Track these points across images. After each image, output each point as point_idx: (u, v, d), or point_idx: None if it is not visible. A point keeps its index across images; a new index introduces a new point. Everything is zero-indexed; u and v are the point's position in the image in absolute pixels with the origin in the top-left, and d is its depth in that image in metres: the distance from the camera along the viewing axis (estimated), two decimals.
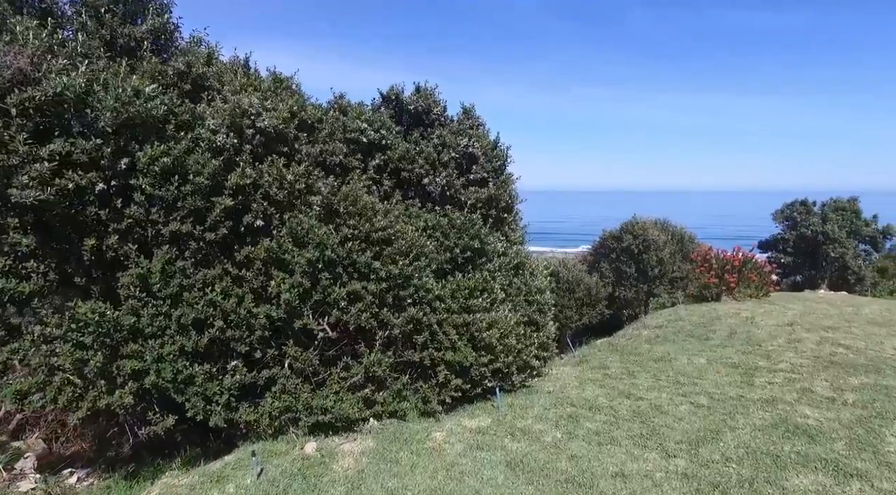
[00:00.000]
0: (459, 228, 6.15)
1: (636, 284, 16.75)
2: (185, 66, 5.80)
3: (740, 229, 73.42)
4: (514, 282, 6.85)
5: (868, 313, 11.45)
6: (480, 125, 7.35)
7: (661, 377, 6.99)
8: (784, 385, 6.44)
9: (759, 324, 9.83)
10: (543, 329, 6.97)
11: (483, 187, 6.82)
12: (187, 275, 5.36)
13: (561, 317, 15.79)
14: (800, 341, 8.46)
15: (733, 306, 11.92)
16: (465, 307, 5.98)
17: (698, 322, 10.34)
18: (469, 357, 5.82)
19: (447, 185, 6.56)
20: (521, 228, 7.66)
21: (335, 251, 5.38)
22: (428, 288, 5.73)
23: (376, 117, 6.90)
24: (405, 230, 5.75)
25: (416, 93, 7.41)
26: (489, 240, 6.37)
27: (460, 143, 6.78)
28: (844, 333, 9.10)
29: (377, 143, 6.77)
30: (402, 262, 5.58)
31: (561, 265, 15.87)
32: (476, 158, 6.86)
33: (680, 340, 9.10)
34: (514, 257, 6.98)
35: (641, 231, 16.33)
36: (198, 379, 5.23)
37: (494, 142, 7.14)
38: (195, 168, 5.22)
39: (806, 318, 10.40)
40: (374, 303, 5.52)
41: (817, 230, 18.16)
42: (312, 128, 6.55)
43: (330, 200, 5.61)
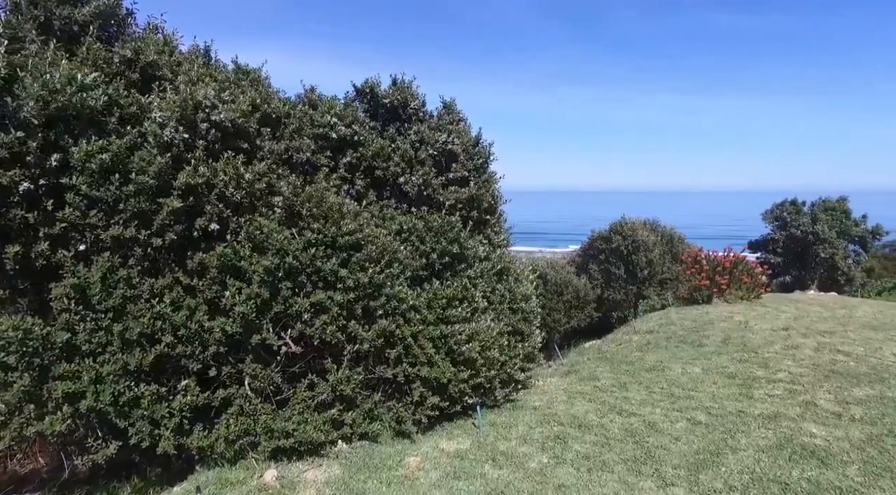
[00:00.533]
0: (437, 231, 5.61)
1: (625, 286, 16.33)
2: (133, 53, 5.20)
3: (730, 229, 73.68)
4: (498, 289, 6.32)
5: (861, 316, 11.08)
6: (461, 120, 6.82)
7: (654, 389, 6.51)
8: (785, 397, 5.98)
9: (754, 328, 9.40)
10: (529, 339, 6.45)
11: (463, 187, 6.29)
12: (132, 284, 4.77)
13: (549, 320, 15.37)
14: (797, 348, 8.03)
15: (725, 309, 11.51)
16: (442, 318, 5.45)
17: (690, 326, 9.90)
18: (447, 372, 5.29)
19: (424, 185, 6.02)
20: (505, 231, 7.14)
21: (297, 258, 4.82)
22: (401, 297, 5.19)
23: (348, 112, 6.35)
24: (376, 234, 5.20)
25: (392, 86, 6.85)
26: (470, 245, 5.84)
27: (438, 140, 6.24)
28: (841, 338, 8.70)
29: (349, 140, 6.22)
30: (372, 270, 5.03)
31: (549, 267, 15.41)
32: (456, 156, 6.33)
33: (672, 347, 8.64)
34: (498, 262, 6.46)
35: (630, 231, 15.92)
36: (144, 401, 4.65)
37: (476, 138, 6.60)
38: (139, 166, 4.63)
39: (800, 322, 10.00)
40: (340, 315, 4.97)
41: (807, 230, 17.87)
42: (278, 123, 5.98)
43: (292, 201, 5.05)
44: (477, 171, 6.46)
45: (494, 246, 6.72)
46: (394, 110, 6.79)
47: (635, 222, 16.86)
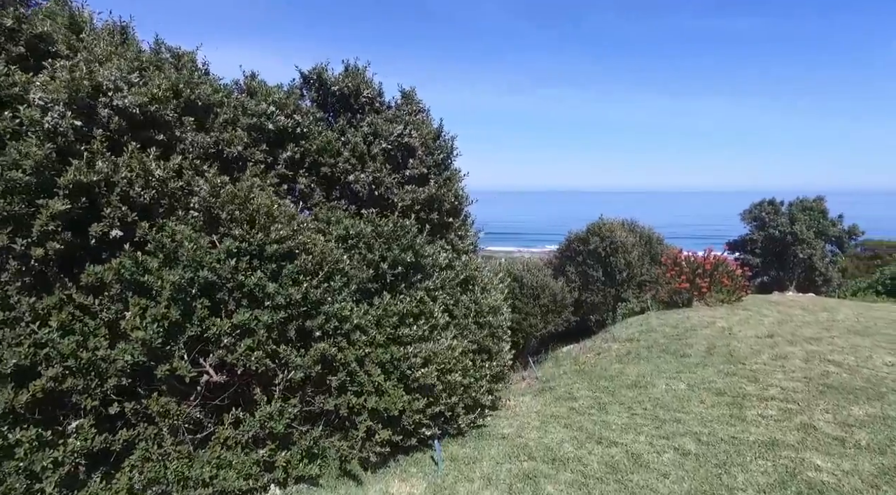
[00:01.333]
0: (388, 237, 4.81)
1: (603, 288, 15.72)
2: (15, 22, 4.27)
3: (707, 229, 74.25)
4: (462, 301, 5.55)
5: (843, 319, 10.62)
6: (421, 111, 6.02)
7: (636, 410, 5.80)
8: (781, 419, 5.32)
9: (738, 336, 8.80)
10: (498, 357, 5.69)
11: (422, 185, 5.49)
12: (8, 304, 3.86)
13: (525, 325, 14.64)
14: (785, 358, 7.42)
15: (706, 313, 10.93)
16: (394, 338, 4.64)
17: (672, 334, 9.27)
18: (399, 402, 4.48)
19: (375, 183, 5.20)
20: (472, 235, 6.36)
21: (215, 270, 3.96)
22: (344, 315, 4.37)
23: (290, 100, 5.49)
24: (314, 241, 4.37)
25: (343, 73, 6.02)
26: (427, 251, 5.05)
27: (393, 132, 5.43)
28: (829, 346, 8.14)
29: (290, 132, 5.37)
30: (308, 284, 4.20)
31: (525, 270, 14.70)
32: (413, 150, 5.53)
33: (654, 357, 7.97)
34: (462, 270, 5.68)
35: (609, 232, 15.31)
36: (20, 448, 3.74)
37: (437, 130, 5.80)
38: (11, 159, 3.72)
39: (785, 328, 9.45)
40: (269, 338, 4.12)
41: (785, 230, 17.53)
42: (207, 111, 5.11)
43: (210, 203, 4.18)
44: (437, 168, 5.67)
45: (459, 252, 5.94)
46: (344, 99, 5.96)
47: (613, 223, 16.27)
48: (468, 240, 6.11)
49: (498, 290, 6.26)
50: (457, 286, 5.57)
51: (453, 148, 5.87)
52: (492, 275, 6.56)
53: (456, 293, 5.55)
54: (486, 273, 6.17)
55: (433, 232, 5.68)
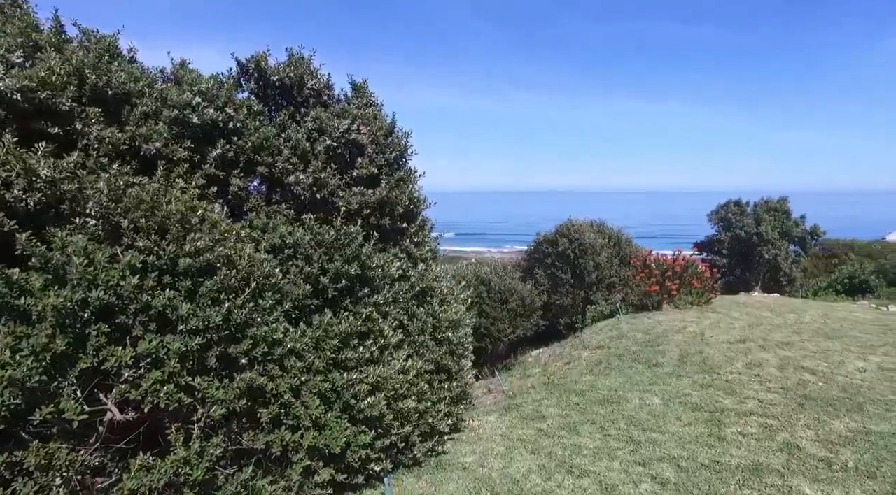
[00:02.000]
0: (330, 247, 4.17)
1: (573, 291, 15.37)
2: None
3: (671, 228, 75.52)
4: (418, 316, 4.96)
5: (811, 322, 10.48)
6: (372, 105, 5.40)
7: (609, 430, 5.32)
8: (762, 438, 4.92)
9: (710, 341, 8.49)
10: (458, 377, 5.13)
11: (373, 187, 4.87)
12: None
13: (493, 330, 14.15)
14: (760, 365, 7.10)
15: (677, 317, 10.64)
16: (336, 362, 4.02)
17: (643, 340, 8.90)
18: (342, 436, 3.86)
19: (317, 185, 4.55)
20: (430, 241, 5.78)
21: (114, 290, 3.27)
22: (276, 338, 3.73)
23: (222, 92, 4.80)
24: (240, 252, 3.71)
25: (286, 61, 5.35)
26: (376, 262, 4.44)
27: (339, 127, 4.79)
28: (800, 351, 7.89)
29: (222, 127, 4.68)
30: (231, 303, 3.54)
31: (493, 273, 14.21)
32: (362, 148, 4.91)
33: (626, 367, 7.55)
34: (419, 281, 5.10)
35: (577, 234, 14.95)
36: None
37: (389, 126, 5.19)
38: None
39: (756, 331, 9.20)
40: (184, 368, 3.45)
41: (751, 231, 17.56)
42: (122, 102, 4.38)
43: (108, 209, 3.48)
44: (390, 168, 5.06)
45: (415, 260, 5.35)
46: (286, 91, 5.30)
47: (582, 223, 15.94)
48: (426, 246, 5.52)
49: (459, 301, 5.69)
50: (412, 299, 4.98)
51: (408, 145, 5.27)
52: (453, 284, 6.00)
53: (411, 307, 4.96)
54: (445, 283, 5.60)
55: (385, 239, 5.07)
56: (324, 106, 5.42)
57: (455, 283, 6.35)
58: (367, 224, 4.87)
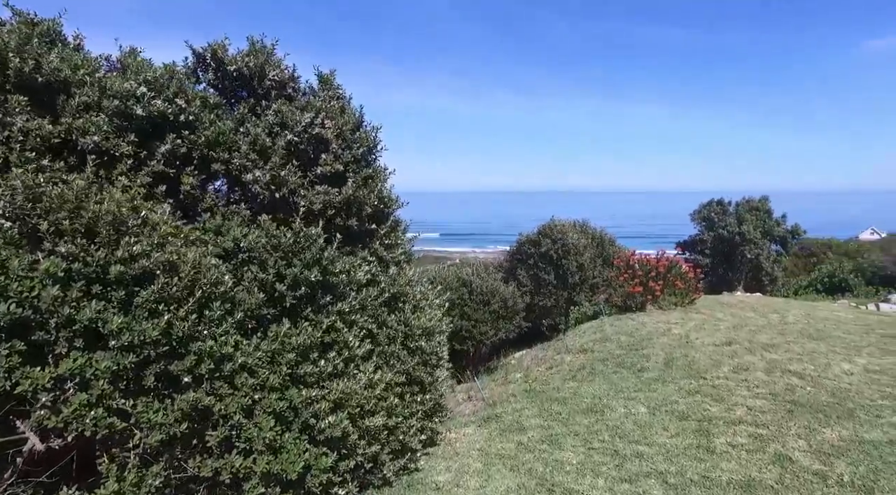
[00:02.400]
0: (288, 251, 3.79)
1: (556, 292, 15.12)
2: None
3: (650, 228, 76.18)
4: (388, 323, 4.60)
5: (794, 322, 10.35)
6: (339, 98, 5.02)
7: (593, 443, 5.01)
8: (753, 450, 4.65)
9: (695, 344, 8.26)
10: (432, 388, 4.77)
11: (338, 185, 4.49)
12: None
13: (475, 333, 13.86)
14: (747, 369, 6.87)
15: (661, 318, 10.43)
16: (294, 378, 3.64)
17: (628, 343, 8.64)
18: (300, 460, 3.48)
19: (275, 183, 4.16)
20: (404, 243, 5.41)
21: (29, 302, 2.85)
22: (225, 353, 3.33)
23: (173, 82, 4.38)
24: (184, 257, 3.31)
25: (246, 50, 4.95)
26: (340, 267, 4.06)
27: (302, 121, 4.41)
28: (787, 353, 7.70)
29: (172, 120, 4.25)
30: (172, 315, 3.14)
31: (474, 274, 13.89)
32: (326, 143, 4.52)
33: (610, 372, 7.27)
34: (389, 286, 4.73)
35: (560, 234, 14.71)
36: None
37: (357, 121, 4.81)
38: None
39: (741, 333, 9.01)
40: (115, 389, 3.04)
41: (733, 231, 17.51)
42: (56, 90, 3.95)
43: (23, 209, 3.06)
44: (357, 165, 4.68)
45: (386, 264, 4.98)
46: (246, 83, 4.88)
47: (565, 224, 15.70)
48: (398, 249, 5.15)
49: (435, 307, 5.34)
50: (382, 306, 4.61)
51: (377, 141, 4.89)
52: (428, 288, 5.64)
53: (381, 314, 4.59)
54: (419, 288, 5.24)
55: (352, 241, 4.70)
56: (288, 99, 5.02)
57: (430, 287, 6.00)
58: (331, 225, 4.49)
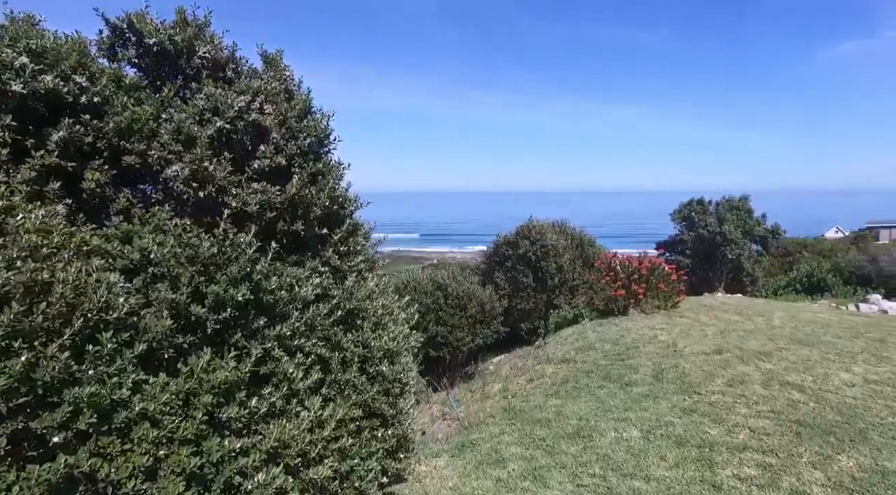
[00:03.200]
0: (208, 264, 3.00)
1: (535, 295, 14.51)
2: None
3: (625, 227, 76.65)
4: (344, 345, 3.83)
5: (781, 326, 9.91)
6: (285, 80, 4.22)
7: (583, 477, 4.32)
8: (765, 484, 4.03)
9: (685, 353, 7.69)
10: (396, 422, 4.01)
11: (280, 183, 3.71)
12: None
13: (451, 339, 13.14)
14: (742, 382, 6.30)
15: (645, 323, 9.88)
16: (215, 424, 2.85)
17: (613, 352, 8.03)
18: None
19: (197, 178, 3.36)
20: (365, 249, 4.64)
21: None
22: (117, 398, 2.53)
23: (72, 56, 3.53)
24: (59, 275, 2.50)
25: (172, 23, 4.12)
26: (280, 281, 3.29)
27: (235, 105, 3.61)
28: (781, 361, 7.18)
29: (72, 100, 3.41)
30: (32, 354, 2.33)
31: (450, 277, 13.17)
32: (265, 132, 3.74)
33: (596, 386, 6.63)
34: (346, 300, 3.96)
35: (539, 235, 14.09)
36: None
37: (304, 107, 4.02)
38: None
39: (730, 339, 8.49)
40: None
41: (714, 230, 17.14)
42: None
43: None
44: (304, 158, 3.90)
45: (343, 274, 4.21)
46: (171, 60, 4.05)
47: (543, 224, 15.10)
48: (358, 256, 4.38)
49: (400, 323, 4.59)
50: (335, 324, 3.84)
51: (329, 132, 4.11)
52: (393, 299, 4.89)
53: (334, 334, 3.82)
54: (383, 300, 4.47)
55: (299, 249, 3.92)
56: (227, 82, 4.20)
57: (396, 298, 5.25)
58: (271, 230, 3.71)
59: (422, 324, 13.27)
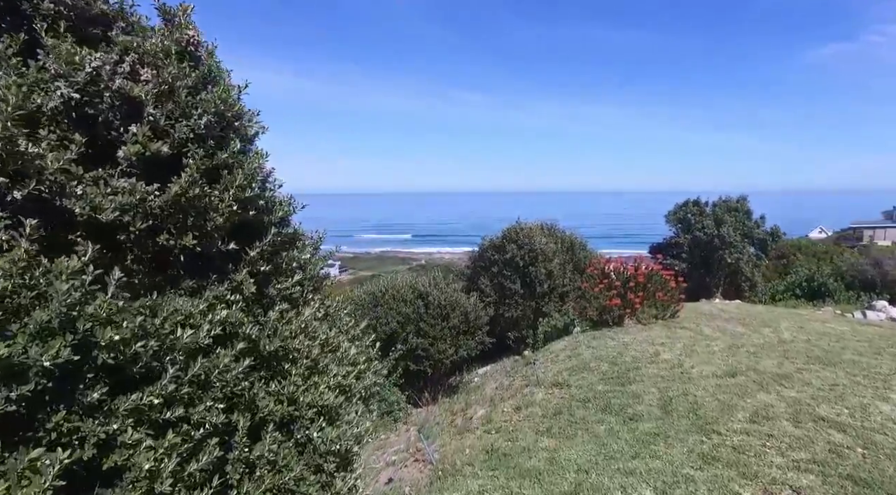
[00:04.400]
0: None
1: (523, 302, 13.46)
2: None
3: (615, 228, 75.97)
4: (258, 403, 2.70)
5: (791, 339, 8.94)
6: (188, 41, 3.08)
7: None
8: None
9: (693, 375, 6.66)
10: None
11: (159, 180, 2.58)
12: None
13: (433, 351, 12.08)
14: (768, 417, 5.26)
15: (644, 337, 8.84)
16: None
17: (611, 374, 6.98)
18: None
19: (17, 170, 2.23)
20: (309, 266, 3.51)
21: None
22: None
23: None
24: None
25: None
26: (142, 324, 2.16)
27: (87, 65, 2.49)
28: (805, 387, 6.17)
29: None
30: None
31: (432, 285, 12.07)
32: (138, 107, 2.61)
33: (594, 420, 5.56)
34: (267, 339, 2.84)
35: (527, 239, 13.04)
36: None
37: (202, 73, 2.88)
38: None
39: (740, 357, 7.49)
40: None
41: (711, 233, 16.12)
42: None
43: None
44: (201, 143, 2.77)
45: (270, 302, 3.08)
46: (11, 5, 2.89)
47: (532, 227, 14.06)
48: (290, 278, 3.25)
49: (347, 362, 3.46)
50: (246, 377, 2.71)
51: (240, 110, 2.97)
52: (341, 328, 3.77)
53: (245, 390, 2.69)
54: (323, 335, 3.34)
55: (200, 271, 2.78)
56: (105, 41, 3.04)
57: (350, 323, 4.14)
58: (149, 246, 2.57)
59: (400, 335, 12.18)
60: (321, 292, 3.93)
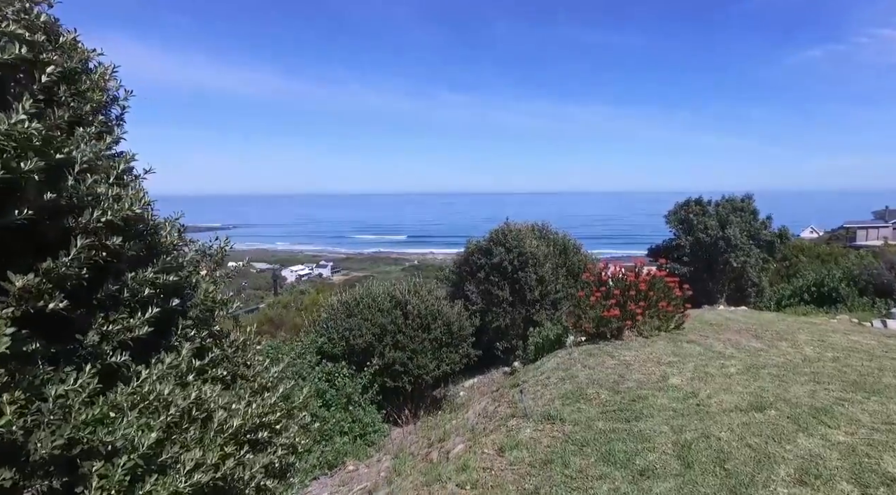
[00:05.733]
0: None
1: (512, 310, 12.22)
2: None
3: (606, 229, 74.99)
4: None
5: (815, 356, 7.74)
6: None
7: None
8: None
9: (711, 408, 5.44)
10: None
11: None
12: None
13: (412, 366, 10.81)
14: (821, 477, 4.04)
15: (647, 354, 7.62)
16: None
17: (611, 404, 5.75)
18: None
19: None
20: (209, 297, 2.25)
21: None
22: None
23: None
24: None
25: None
26: None
27: None
28: (853, 426, 4.96)
29: None
30: None
31: (411, 292, 10.81)
32: None
33: (593, 477, 4.32)
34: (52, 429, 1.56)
35: (517, 242, 11.79)
36: None
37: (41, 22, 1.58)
38: None
39: (763, 382, 6.28)
40: None
41: (716, 235, 14.85)
42: None
43: None
44: None
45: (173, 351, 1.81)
46: None
47: (522, 228, 12.82)
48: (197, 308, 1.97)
49: (225, 432, 2.21)
50: None
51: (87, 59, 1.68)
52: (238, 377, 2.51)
53: None
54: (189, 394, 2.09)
55: None
56: None
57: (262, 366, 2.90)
58: None
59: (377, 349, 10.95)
60: (222, 322, 2.68)
